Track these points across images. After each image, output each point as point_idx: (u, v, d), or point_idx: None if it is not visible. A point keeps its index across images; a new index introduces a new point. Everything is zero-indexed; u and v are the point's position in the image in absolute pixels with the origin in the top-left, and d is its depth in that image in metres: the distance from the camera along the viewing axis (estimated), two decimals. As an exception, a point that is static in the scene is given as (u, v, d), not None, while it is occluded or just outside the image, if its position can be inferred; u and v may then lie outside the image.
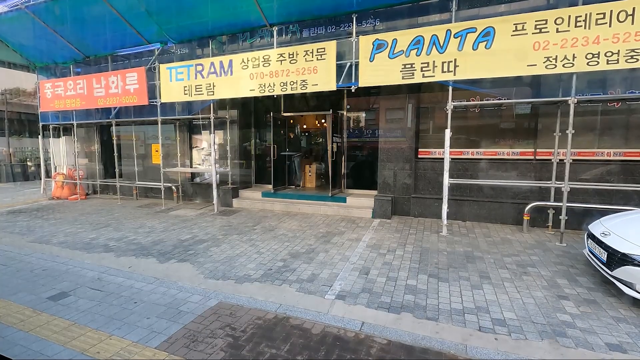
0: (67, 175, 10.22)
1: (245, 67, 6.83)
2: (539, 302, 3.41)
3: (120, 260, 4.74)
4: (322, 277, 4.08)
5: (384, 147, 7.25)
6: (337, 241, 5.48)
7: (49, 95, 9.55)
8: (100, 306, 3.45)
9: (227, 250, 5.12)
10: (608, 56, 4.57)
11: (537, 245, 5.13)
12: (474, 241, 5.39)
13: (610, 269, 3.43)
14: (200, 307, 3.40)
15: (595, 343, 2.75)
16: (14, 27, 8.59)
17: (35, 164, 15.46)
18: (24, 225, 6.79)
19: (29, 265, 4.59)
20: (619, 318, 3.10)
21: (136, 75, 8.07)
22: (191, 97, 7.58)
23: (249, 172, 9.39)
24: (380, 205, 6.99)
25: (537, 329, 2.95)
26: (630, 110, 5.86)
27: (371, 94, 7.84)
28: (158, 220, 7.13)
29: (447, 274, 4.14)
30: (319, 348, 2.70)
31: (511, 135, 6.62)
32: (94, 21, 7.82)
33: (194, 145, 9.70)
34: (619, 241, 3.41)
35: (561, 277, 3.98)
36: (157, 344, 2.80)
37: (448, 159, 5.70)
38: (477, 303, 3.41)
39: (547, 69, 4.88)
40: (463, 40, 5.23)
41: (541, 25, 4.82)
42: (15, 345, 2.82)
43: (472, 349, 2.69)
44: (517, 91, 6.18)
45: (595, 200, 5.63)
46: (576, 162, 5.87)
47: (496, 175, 6.47)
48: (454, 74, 5.34)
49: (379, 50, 5.75)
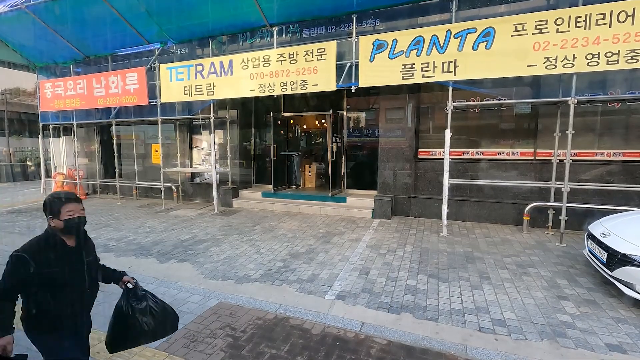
0: (67, 175, 10.22)
1: (245, 67, 6.83)
2: (538, 303, 3.41)
3: (120, 260, 4.74)
4: (322, 277, 4.08)
5: (384, 147, 7.25)
6: (337, 241, 5.48)
7: (49, 95, 9.55)
8: (100, 306, 3.43)
9: (227, 250, 5.12)
10: (608, 56, 4.57)
11: (537, 246, 5.13)
12: (474, 241, 5.39)
13: (610, 270, 3.43)
14: (200, 307, 3.40)
15: (595, 343, 2.75)
16: (14, 27, 8.58)
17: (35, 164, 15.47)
18: (24, 225, 6.79)
19: (29, 265, 4.58)
20: (618, 319, 3.10)
21: (136, 75, 8.07)
22: (191, 97, 7.58)
23: (249, 172, 9.39)
24: (380, 206, 6.99)
25: (537, 330, 2.95)
26: (630, 110, 5.86)
27: (371, 94, 7.85)
28: (158, 220, 7.14)
29: (447, 274, 4.14)
30: (319, 348, 2.70)
31: (511, 135, 6.62)
32: (94, 21, 7.82)
33: (194, 145, 9.70)
34: (619, 242, 3.41)
35: (561, 278, 3.98)
36: (157, 344, 2.79)
37: (448, 159, 5.70)
38: (477, 303, 3.41)
39: (547, 70, 4.88)
40: (463, 41, 5.23)
41: (541, 25, 4.82)
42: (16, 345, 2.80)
43: (472, 349, 2.69)
44: (517, 91, 6.19)
45: (595, 201, 5.63)
46: (576, 162, 5.86)
47: (496, 175, 6.48)
48: (454, 74, 5.34)
49: (379, 50, 5.75)
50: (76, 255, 1.91)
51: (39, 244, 1.82)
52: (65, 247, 1.86)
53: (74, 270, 1.87)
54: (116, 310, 2.09)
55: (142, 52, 8.62)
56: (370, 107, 8.22)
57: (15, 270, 1.73)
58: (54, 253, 1.81)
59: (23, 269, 1.71)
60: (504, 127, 6.71)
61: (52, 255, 1.80)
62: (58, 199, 1.87)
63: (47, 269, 1.76)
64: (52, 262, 1.78)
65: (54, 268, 1.78)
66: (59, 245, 1.84)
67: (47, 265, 1.76)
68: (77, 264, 1.90)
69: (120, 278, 2.16)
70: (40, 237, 1.86)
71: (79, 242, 1.93)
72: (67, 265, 1.84)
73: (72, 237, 1.89)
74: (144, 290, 2.15)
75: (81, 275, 1.91)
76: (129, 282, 2.13)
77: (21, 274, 1.72)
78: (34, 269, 1.72)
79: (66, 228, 1.84)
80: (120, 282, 2.14)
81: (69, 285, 1.85)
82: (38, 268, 1.73)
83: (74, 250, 1.90)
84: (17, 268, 1.72)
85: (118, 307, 2.08)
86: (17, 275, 1.73)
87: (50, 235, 1.85)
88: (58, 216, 1.82)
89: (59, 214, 1.82)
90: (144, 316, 2.05)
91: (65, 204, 1.84)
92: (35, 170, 15.31)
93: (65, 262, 1.84)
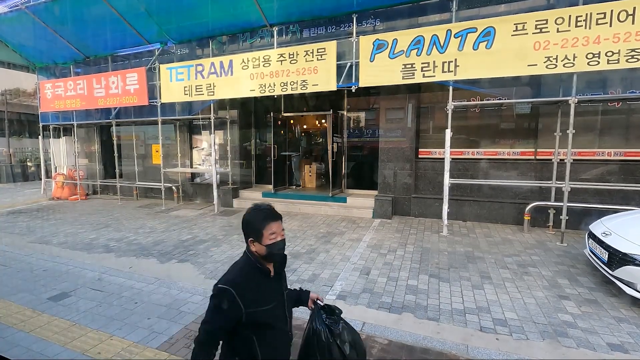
0: (67, 176, 10.22)
1: (245, 67, 6.82)
2: (540, 302, 3.40)
3: (120, 261, 4.74)
4: (322, 277, 4.08)
5: (384, 147, 7.24)
6: (337, 241, 5.48)
7: (49, 95, 9.55)
8: (101, 307, 3.45)
9: (227, 250, 5.12)
10: (609, 56, 4.57)
11: (538, 245, 5.12)
12: (474, 241, 5.39)
13: (611, 269, 3.43)
14: (201, 307, 3.39)
15: (596, 343, 2.74)
16: (14, 28, 8.59)
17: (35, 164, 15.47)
18: (24, 226, 6.78)
19: (30, 266, 4.58)
20: (620, 318, 3.09)
21: (136, 76, 8.06)
22: (191, 98, 7.58)
23: (249, 172, 9.39)
24: (380, 205, 6.99)
25: (538, 329, 2.94)
26: (631, 110, 5.86)
27: (371, 94, 7.84)
28: (158, 220, 7.13)
29: (448, 274, 4.13)
30: (320, 348, 2.70)
31: (511, 135, 6.62)
32: (94, 21, 7.83)
33: (194, 145, 9.70)
34: (620, 241, 3.41)
35: (562, 277, 3.98)
36: (158, 344, 2.79)
37: (449, 159, 5.69)
38: (478, 303, 3.41)
39: (548, 69, 4.87)
40: (463, 40, 5.23)
41: (542, 25, 4.82)
42: (16, 345, 2.81)
43: (473, 349, 2.68)
44: (518, 91, 6.18)
45: (595, 200, 5.63)
46: (577, 162, 5.86)
47: (496, 175, 6.47)
48: (454, 73, 5.33)
49: (379, 50, 5.75)
50: (277, 287, 1.59)
51: (245, 275, 1.49)
52: (268, 278, 1.54)
53: (277, 306, 1.54)
54: (310, 338, 1.62)
55: (142, 53, 8.63)
56: (370, 107, 8.21)
57: (224, 307, 1.40)
58: (260, 286, 1.49)
59: (232, 307, 1.39)
60: (504, 127, 6.71)
61: (258, 288, 1.48)
62: (260, 217, 1.51)
63: (255, 306, 1.44)
64: (260, 297, 1.47)
65: (262, 305, 1.46)
66: (264, 275, 1.52)
67: (254, 302, 1.44)
68: (279, 299, 1.57)
69: (307, 298, 1.78)
70: (242, 266, 1.52)
71: (280, 271, 1.62)
72: (272, 301, 1.51)
73: (272, 265, 1.56)
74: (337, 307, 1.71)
75: (283, 313, 1.58)
76: (318, 299, 1.76)
77: (230, 312, 1.40)
78: (243, 306, 1.40)
79: (269, 255, 1.50)
80: (308, 302, 1.77)
81: (275, 327, 1.53)
82: (246, 305, 1.41)
83: (274, 281, 1.58)
84: (225, 305, 1.40)
85: (312, 333, 1.62)
86: (227, 314, 1.40)
87: (252, 262, 1.52)
88: (260, 239, 1.48)
89: (261, 237, 1.48)
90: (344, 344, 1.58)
91: (268, 222, 1.50)
92: (35, 171, 15.31)
93: (270, 297, 1.52)
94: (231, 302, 1.39)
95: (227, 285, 1.42)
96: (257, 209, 1.55)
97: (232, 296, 1.39)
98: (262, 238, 1.48)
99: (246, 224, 1.53)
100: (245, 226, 1.54)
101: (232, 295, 1.39)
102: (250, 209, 1.56)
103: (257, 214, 1.53)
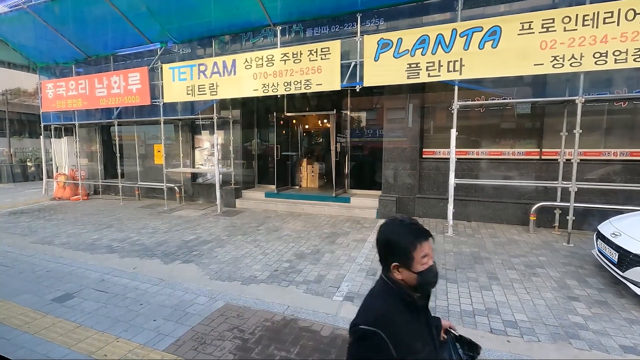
0: (68, 176, 10.18)
1: (248, 66, 6.79)
2: (549, 304, 3.37)
3: (124, 261, 4.70)
4: (328, 278, 4.04)
5: (387, 147, 7.20)
6: (342, 242, 5.44)
7: (50, 95, 9.51)
8: (105, 308, 3.41)
9: (231, 251, 5.08)
10: (616, 55, 4.54)
11: (544, 246, 5.09)
12: (480, 242, 5.35)
13: (621, 270, 3.39)
14: (207, 308, 3.36)
15: (609, 345, 2.71)
16: (15, 27, 8.55)
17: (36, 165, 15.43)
18: (26, 226, 6.74)
19: (32, 267, 4.55)
20: (631, 320, 3.06)
21: (139, 75, 8.03)
22: (194, 97, 7.55)
23: (252, 172, 9.35)
24: (384, 206, 6.95)
25: (549, 331, 2.91)
26: (637, 109, 5.82)
27: (374, 94, 7.81)
28: (161, 220, 7.09)
29: (455, 275, 4.10)
30: (329, 350, 2.66)
31: (516, 135, 6.58)
32: (96, 21, 7.79)
33: (196, 145, 9.66)
34: (631, 242, 3.37)
35: (570, 278, 3.94)
36: (165, 346, 2.76)
37: (454, 159, 5.66)
38: (487, 304, 3.37)
39: (555, 68, 4.84)
40: (469, 40, 5.19)
41: (548, 24, 4.79)
42: (21, 347, 2.78)
43: (484, 351, 2.64)
44: (523, 90, 6.14)
45: (600, 201, 5.59)
46: (582, 161, 5.80)
47: (501, 175, 6.44)
48: (460, 73, 5.30)
49: (384, 49, 5.71)
50: (425, 321, 1.26)
51: (391, 310, 1.15)
52: (418, 312, 1.21)
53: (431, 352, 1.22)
54: None
55: (144, 52, 8.58)
56: (373, 107, 8.18)
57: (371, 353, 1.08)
58: (408, 324, 1.15)
59: (380, 352, 1.07)
60: (509, 127, 6.67)
61: (408, 328, 1.15)
62: (408, 235, 1.16)
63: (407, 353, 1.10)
64: (412, 341, 1.14)
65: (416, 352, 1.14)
66: (414, 311, 1.19)
67: (407, 348, 1.10)
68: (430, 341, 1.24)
69: (440, 325, 1.44)
70: (385, 299, 1.18)
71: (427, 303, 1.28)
72: (425, 344, 1.19)
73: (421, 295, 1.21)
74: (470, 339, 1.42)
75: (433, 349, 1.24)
76: (451, 327, 1.45)
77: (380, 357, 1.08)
78: (395, 352, 1.07)
79: (421, 284, 1.16)
80: (441, 330, 1.43)
81: None
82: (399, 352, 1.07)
83: (422, 315, 1.25)
84: (372, 350, 1.08)
85: None
86: None
87: (396, 294, 1.18)
88: (410, 264, 1.14)
89: (412, 261, 1.14)
90: None
91: (420, 242, 1.15)
92: (36, 171, 15.27)
93: (422, 339, 1.20)
94: (376, 345, 1.06)
95: (369, 325, 1.08)
96: (400, 223, 1.19)
97: (379, 338, 1.06)
98: (412, 263, 1.14)
99: (387, 244, 1.19)
100: (385, 246, 1.19)
101: (379, 337, 1.06)
102: (390, 223, 1.21)
103: (402, 231, 1.17)
